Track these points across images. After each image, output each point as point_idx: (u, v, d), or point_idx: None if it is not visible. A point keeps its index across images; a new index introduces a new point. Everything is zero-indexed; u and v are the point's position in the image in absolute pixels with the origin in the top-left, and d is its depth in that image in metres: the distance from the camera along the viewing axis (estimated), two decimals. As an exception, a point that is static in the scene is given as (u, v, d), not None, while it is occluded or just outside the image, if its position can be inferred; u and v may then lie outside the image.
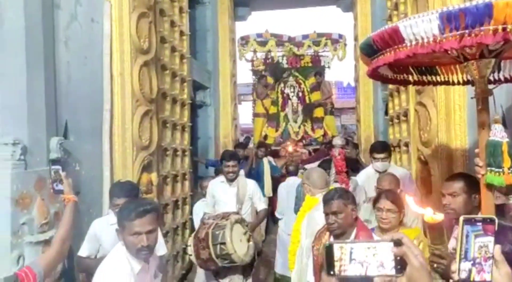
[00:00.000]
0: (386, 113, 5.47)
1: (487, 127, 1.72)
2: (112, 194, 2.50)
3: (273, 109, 9.59)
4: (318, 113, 9.52)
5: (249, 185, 3.70)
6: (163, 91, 4.22)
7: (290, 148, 7.71)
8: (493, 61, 1.67)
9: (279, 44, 9.70)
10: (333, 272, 0.79)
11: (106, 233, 2.41)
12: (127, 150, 3.37)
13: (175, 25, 4.67)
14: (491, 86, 1.81)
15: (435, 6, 2.76)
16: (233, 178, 3.57)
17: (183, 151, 4.80)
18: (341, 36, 9.62)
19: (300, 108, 9.68)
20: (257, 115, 9.52)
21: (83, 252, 2.50)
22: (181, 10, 4.89)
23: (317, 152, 7.28)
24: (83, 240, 2.54)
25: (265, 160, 6.01)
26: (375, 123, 6.65)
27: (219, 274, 3.25)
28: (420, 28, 1.47)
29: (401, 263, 0.77)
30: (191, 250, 3.12)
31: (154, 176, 3.79)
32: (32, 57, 2.43)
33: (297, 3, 9.72)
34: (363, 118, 6.81)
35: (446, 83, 2.20)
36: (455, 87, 2.72)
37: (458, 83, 2.16)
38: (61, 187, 1.95)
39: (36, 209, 2.38)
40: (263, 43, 9.61)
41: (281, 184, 5.12)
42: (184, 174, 4.72)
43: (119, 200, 2.35)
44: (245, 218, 3.35)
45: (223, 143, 7.19)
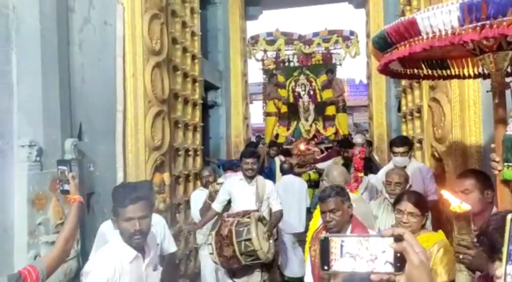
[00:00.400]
0: (399, 110, 5.41)
1: (504, 121, 1.69)
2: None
3: (284, 109, 9.55)
4: (329, 111, 9.41)
5: (267, 185, 3.68)
6: (174, 92, 4.25)
7: (302, 146, 7.67)
8: (511, 54, 1.63)
9: (289, 42, 9.64)
10: (327, 267, 0.74)
11: (114, 234, 2.44)
12: (140, 150, 3.41)
13: (186, 26, 4.70)
14: (508, 79, 1.77)
15: (448, -1, 2.71)
16: (252, 175, 3.55)
17: (195, 151, 4.83)
18: (352, 33, 9.49)
19: (311, 106, 9.62)
20: (269, 114, 9.49)
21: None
22: (192, 10, 4.91)
23: (330, 150, 7.22)
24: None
25: (277, 159, 5.99)
26: (387, 121, 6.57)
27: (235, 274, 3.20)
28: (438, 19, 1.43)
29: (401, 260, 0.71)
30: (211, 248, 3.07)
31: (166, 176, 3.82)
32: (47, 60, 2.47)
33: (308, 1, 9.66)
34: (376, 115, 6.74)
35: (456, 77, 2.15)
36: (469, 82, 2.67)
37: (469, 76, 2.12)
38: (67, 187, 1.97)
39: (51, 210, 2.43)
40: (273, 42, 9.57)
41: (277, 183, 5.02)
42: (196, 174, 4.75)
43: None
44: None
45: (234, 143, 7.20)
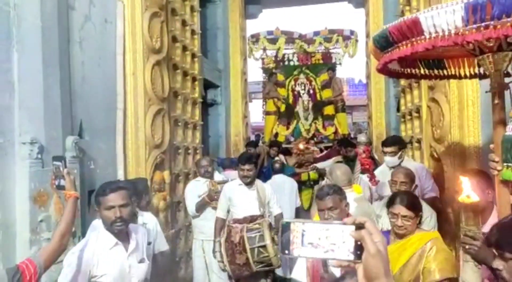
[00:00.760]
0: (398, 110, 5.42)
1: (503, 122, 1.69)
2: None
3: (284, 107, 9.57)
4: (328, 110, 9.44)
5: (267, 189, 3.61)
6: (174, 90, 4.26)
7: (301, 146, 7.69)
8: (510, 54, 1.63)
9: (290, 41, 9.64)
10: (287, 251, 0.74)
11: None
12: (140, 148, 3.42)
13: (186, 24, 4.70)
14: (507, 80, 1.77)
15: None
16: (247, 182, 3.46)
17: (195, 149, 4.84)
18: (352, 32, 9.52)
19: (311, 105, 9.64)
20: (268, 113, 9.50)
21: None
22: (192, 9, 4.92)
23: (329, 149, 7.23)
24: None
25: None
26: (387, 120, 6.58)
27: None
28: (442, 19, 1.42)
29: (361, 249, 0.71)
30: (220, 255, 2.97)
31: (166, 174, 3.84)
32: (48, 58, 2.48)
33: (308, 0, 9.65)
34: (375, 115, 6.75)
35: (453, 77, 2.15)
36: (468, 83, 2.69)
37: (465, 76, 2.12)
38: (63, 183, 1.98)
39: (52, 206, 2.45)
40: (273, 41, 9.57)
41: (268, 181, 4.98)
42: (195, 172, 4.76)
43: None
44: None
45: (233, 141, 7.21)
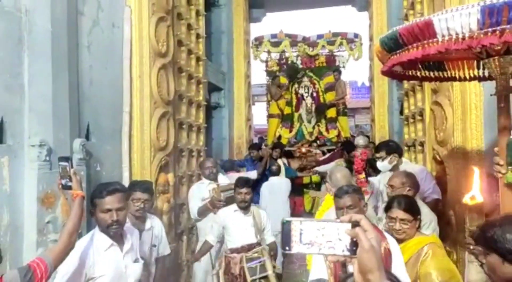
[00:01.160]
0: (401, 112, 5.44)
1: (508, 126, 1.69)
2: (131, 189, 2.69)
3: (287, 110, 9.58)
4: (330, 113, 9.45)
5: (263, 215, 3.48)
6: (179, 93, 4.30)
7: (303, 149, 7.71)
8: (517, 58, 1.61)
9: (293, 44, 9.67)
10: (288, 248, 0.78)
11: None
12: (145, 151, 3.46)
13: (191, 28, 4.75)
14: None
15: (451, 4, 2.75)
16: (245, 206, 3.34)
17: (198, 152, 4.87)
18: (356, 35, 9.53)
19: (314, 108, 9.65)
20: (271, 116, 9.52)
21: None
22: (197, 13, 4.96)
23: (332, 153, 7.24)
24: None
25: (280, 162, 6.01)
26: (390, 123, 6.60)
27: None
28: (456, 22, 1.39)
29: (356, 245, 0.76)
30: None
31: (171, 176, 3.87)
32: (57, 62, 2.52)
33: (312, 3, 9.69)
34: (378, 118, 6.76)
35: (453, 79, 2.16)
36: (471, 86, 2.71)
37: (464, 79, 2.13)
38: (69, 183, 2.01)
39: (60, 208, 2.48)
40: (277, 44, 9.60)
41: (264, 183, 4.91)
42: (199, 174, 4.79)
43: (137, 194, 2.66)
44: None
45: (237, 144, 7.24)
